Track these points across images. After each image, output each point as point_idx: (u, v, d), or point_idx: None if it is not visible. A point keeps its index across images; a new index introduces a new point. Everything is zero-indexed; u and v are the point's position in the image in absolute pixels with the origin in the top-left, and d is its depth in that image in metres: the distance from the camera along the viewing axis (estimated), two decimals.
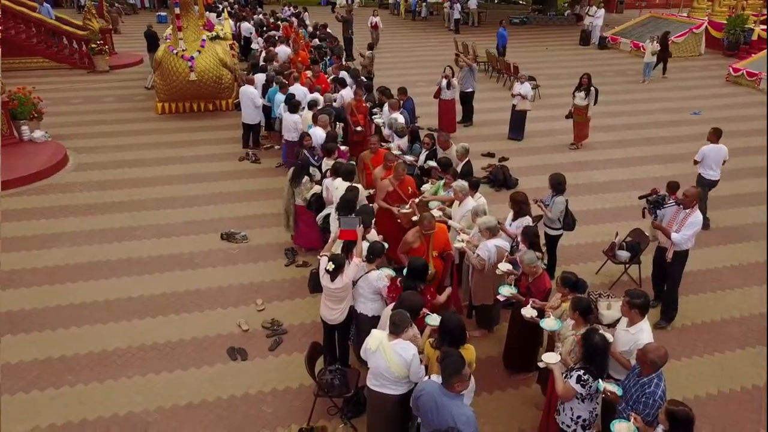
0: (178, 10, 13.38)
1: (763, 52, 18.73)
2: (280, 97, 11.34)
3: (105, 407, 5.74)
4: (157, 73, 14.34)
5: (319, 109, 10.23)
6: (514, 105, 12.90)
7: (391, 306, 5.11)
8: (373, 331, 4.80)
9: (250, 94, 11.97)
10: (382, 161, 8.07)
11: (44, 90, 14.74)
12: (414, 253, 6.15)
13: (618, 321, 6.16)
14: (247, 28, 19.68)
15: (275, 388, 6.00)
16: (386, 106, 10.54)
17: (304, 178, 7.93)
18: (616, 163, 11.97)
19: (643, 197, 7.12)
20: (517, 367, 6.14)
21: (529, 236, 6.06)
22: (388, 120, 9.80)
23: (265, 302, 7.37)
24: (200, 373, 6.20)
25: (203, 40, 14.29)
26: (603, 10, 25.19)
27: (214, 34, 16.65)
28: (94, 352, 6.47)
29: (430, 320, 5.02)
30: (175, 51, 13.69)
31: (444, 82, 12.61)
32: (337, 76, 12.86)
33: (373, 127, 10.46)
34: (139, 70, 19.27)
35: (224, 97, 14.95)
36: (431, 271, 6.02)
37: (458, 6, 27.04)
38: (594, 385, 4.41)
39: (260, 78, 12.62)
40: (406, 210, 7.27)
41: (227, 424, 5.58)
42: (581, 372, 4.47)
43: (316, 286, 6.09)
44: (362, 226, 5.91)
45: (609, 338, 4.80)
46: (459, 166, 8.04)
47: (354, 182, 7.41)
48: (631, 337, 4.79)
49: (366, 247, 5.88)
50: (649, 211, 6.85)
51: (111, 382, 6.05)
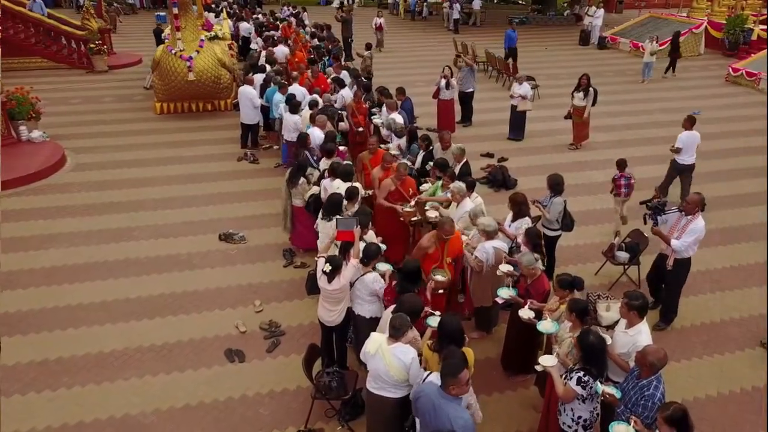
0: (176, 10, 13.35)
1: (763, 52, 18.72)
2: (279, 98, 11.32)
3: (102, 409, 5.72)
4: (156, 73, 14.31)
5: (319, 109, 10.20)
6: (513, 105, 12.87)
7: (392, 308, 5.08)
8: (373, 334, 4.77)
9: (249, 95, 11.95)
10: (380, 162, 8.05)
11: (43, 90, 14.70)
12: (429, 259, 6.03)
13: (617, 322, 6.16)
14: (245, 28, 19.63)
15: (272, 390, 5.98)
16: (384, 107, 10.52)
17: (300, 180, 7.91)
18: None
19: (644, 203, 7.05)
20: (515, 369, 6.11)
21: (532, 238, 6.03)
22: (387, 120, 9.77)
23: (263, 303, 7.35)
24: (197, 375, 6.18)
25: (202, 40, 14.26)
26: (602, 10, 25.17)
27: (213, 34, 16.61)
28: (91, 354, 6.45)
29: (432, 321, 4.99)
30: (174, 51, 13.66)
31: (443, 83, 12.59)
32: (338, 76, 12.85)
33: (371, 128, 10.43)
34: (137, 70, 19.22)
35: (223, 97, 14.92)
36: (447, 277, 5.92)
37: (458, 6, 26.99)
38: (593, 387, 4.39)
39: (259, 78, 12.59)
40: (409, 209, 7.29)
41: (224, 427, 5.56)
42: (581, 373, 4.45)
43: (313, 288, 6.05)
44: (359, 226, 5.88)
45: (607, 339, 4.79)
46: (456, 168, 8.00)
47: (352, 183, 7.39)
48: (630, 339, 4.76)
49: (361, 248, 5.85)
50: (650, 217, 6.75)
51: (108, 384, 6.03)
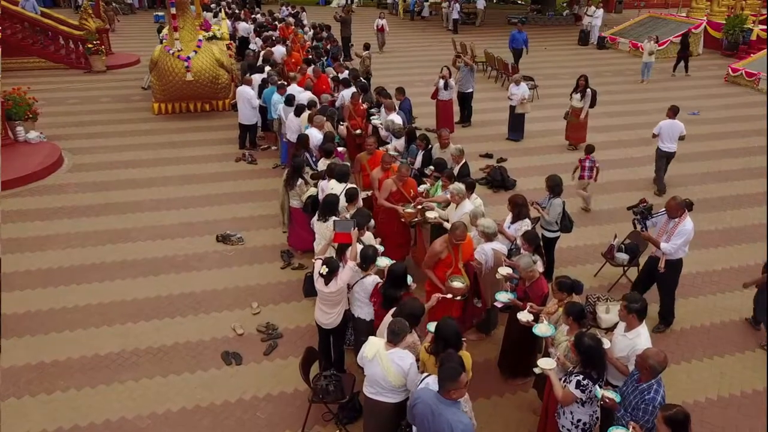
0: (174, 10, 13.29)
1: (762, 52, 18.68)
2: (277, 98, 11.26)
3: (97, 413, 5.67)
4: (154, 73, 14.25)
5: (317, 109, 10.14)
6: (512, 106, 12.82)
7: (392, 312, 5.02)
8: (371, 338, 4.72)
9: (247, 95, 11.90)
10: (378, 162, 8.00)
11: (40, 90, 14.67)
12: (442, 265, 5.89)
13: (617, 325, 6.12)
14: (244, 29, 19.56)
15: (270, 394, 5.94)
16: (383, 107, 10.46)
17: (298, 181, 7.85)
18: (615, 164, 11.89)
19: (630, 208, 7.10)
20: (513, 372, 6.06)
21: (533, 241, 5.97)
22: (386, 121, 9.71)
23: (261, 305, 7.30)
24: (194, 378, 6.13)
25: (200, 40, 14.21)
26: (602, 10, 25.11)
27: (211, 34, 16.58)
28: (86, 357, 6.40)
29: (431, 326, 4.93)
30: (172, 51, 13.61)
31: (441, 83, 12.55)
32: (338, 75, 12.81)
33: (370, 128, 10.37)
34: (136, 70, 19.17)
35: (221, 98, 14.87)
36: (465, 284, 5.78)
37: (457, 6, 26.93)
38: (593, 391, 4.35)
39: (257, 78, 12.54)
40: (410, 209, 7.27)
41: (220, 431, 5.51)
42: (580, 377, 4.41)
43: (310, 290, 6.01)
44: (356, 228, 5.83)
45: (606, 343, 4.75)
46: (455, 168, 7.95)
47: (348, 184, 7.35)
48: (629, 342, 4.72)
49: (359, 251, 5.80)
50: (638, 222, 6.85)
51: (103, 387, 5.98)
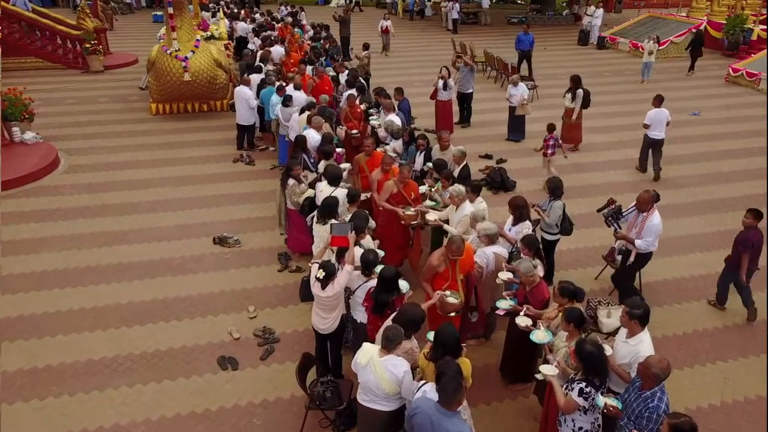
0: (171, 10, 13.19)
1: (763, 52, 18.60)
2: (276, 99, 11.16)
3: (90, 419, 5.58)
4: (151, 73, 14.15)
5: (318, 109, 10.05)
6: (512, 106, 12.73)
7: (392, 318, 4.92)
8: (365, 344, 4.63)
9: (245, 95, 11.79)
10: (377, 164, 7.91)
11: (38, 90, 14.57)
12: (439, 278, 5.69)
13: (618, 329, 6.04)
14: (243, 28, 19.45)
15: (266, 399, 5.84)
16: (382, 108, 10.36)
17: (290, 182, 7.75)
18: (615, 165, 11.81)
19: (599, 210, 7.07)
20: (514, 377, 5.98)
21: (532, 245, 5.88)
22: (385, 122, 9.61)
23: (257, 309, 7.21)
24: (189, 384, 6.04)
25: (197, 40, 14.11)
26: (602, 10, 25.00)
27: (209, 34, 16.48)
28: (80, 362, 6.31)
29: (431, 335, 4.83)
30: (169, 51, 13.51)
31: (441, 83, 12.46)
32: (338, 75, 12.73)
33: (368, 129, 10.27)
34: (133, 70, 19.07)
35: (219, 98, 14.77)
36: (459, 299, 5.57)
37: (457, 6, 26.84)
38: (595, 399, 4.26)
39: (255, 78, 12.45)
40: (411, 212, 7.19)
41: None
42: (583, 384, 4.32)
43: (306, 295, 5.91)
44: (354, 231, 5.74)
45: (607, 349, 4.65)
46: (456, 170, 7.86)
47: (343, 187, 7.26)
48: (631, 348, 4.62)
49: (359, 254, 5.71)
50: (609, 224, 6.88)
51: (97, 393, 5.89)
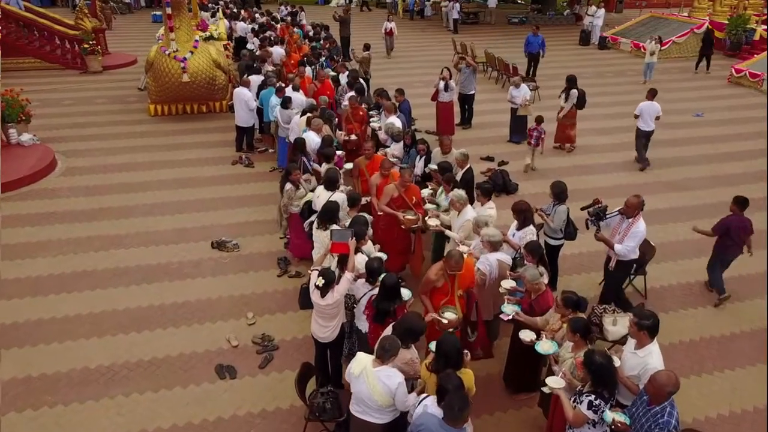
0: (169, 10, 13.05)
1: (765, 53, 18.46)
2: (275, 101, 11.02)
3: (85, 430, 5.46)
4: (149, 74, 14.01)
5: (320, 110, 9.93)
6: (513, 108, 12.61)
7: (393, 326, 4.80)
8: (359, 354, 4.52)
9: (244, 97, 11.66)
10: (377, 167, 7.78)
11: (36, 91, 14.42)
12: (438, 293, 5.53)
13: (624, 337, 5.91)
14: (242, 28, 19.29)
15: (264, 409, 5.72)
16: (383, 110, 10.23)
17: (287, 186, 7.60)
18: (618, 167, 11.70)
19: (584, 208, 6.94)
20: (518, 387, 5.85)
21: (536, 252, 5.75)
22: (385, 125, 9.47)
23: (256, 315, 7.08)
24: (186, 393, 5.91)
25: (196, 41, 13.97)
26: (603, 10, 24.84)
27: (208, 34, 16.34)
28: (75, 370, 6.18)
29: (434, 345, 4.71)
30: (167, 52, 13.38)
31: (442, 84, 12.33)
32: (338, 75, 12.60)
33: (369, 131, 10.15)
34: (132, 71, 18.93)
35: (218, 99, 14.65)
36: (457, 315, 5.41)
37: (457, 6, 26.71)
38: (604, 414, 4.13)
39: (255, 80, 12.32)
40: (411, 216, 7.07)
41: None
42: (592, 397, 4.19)
43: (306, 303, 5.78)
44: (355, 238, 5.61)
45: (615, 361, 4.53)
46: (459, 174, 7.73)
47: (339, 191, 7.14)
48: (640, 360, 4.49)
49: (363, 261, 5.59)
50: (592, 223, 6.73)
51: (92, 403, 5.76)
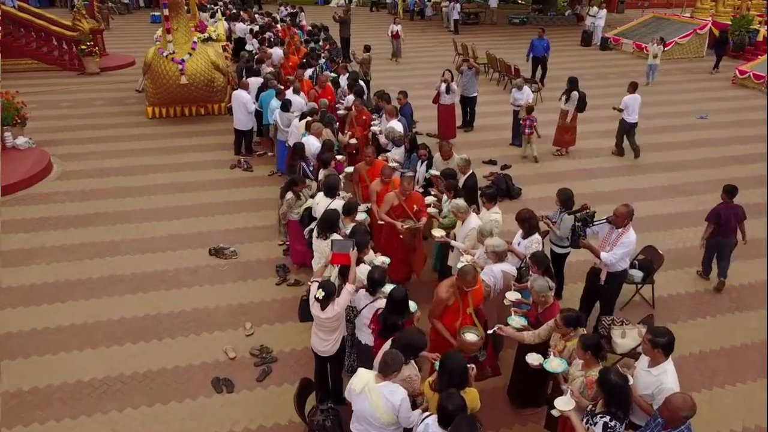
0: (166, 12, 12.87)
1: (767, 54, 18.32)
2: (275, 104, 10.84)
3: None
4: (147, 76, 13.84)
5: (321, 114, 9.76)
6: (516, 110, 12.44)
7: (392, 340, 4.63)
8: (360, 370, 4.34)
9: (243, 99, 11.47)
10: (378, 173, 7.60)
11: (32, 93, 14.23)
12: (449, 313, 5.27)
13: (634, 350, 5.75)
14: (241, 29, 19.10)
15: (262, 425, 5.55)
16: (384, 113, 10.05)
17: (288, 195, 7.41)
18: (621, 171, 11.52)
19: (572, 213, 6.75)
20: (524, 402, 5.67)
21: (542, 262, 5.56)
22: (386, 129, 9.28)
23: (254, 326, 6.91)
24: (182, 408, 5.74)
25: (194, 42, 13.78)
26: (605, 11, 24.65)
27: (206, 35, 16.16)
28: (68, 383, 6.00)
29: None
30: (165, 53, 13.20)
31: (443, 87, 12.14)
32: (338, 77, 12.44)
33: (369, 136, 9.96)
34: (130, 72, 18.74)
35: (216, 101, 14.46)
36: (480, 335, 5.07)
37: (458, 6, 26.53)
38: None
39: (254, 82, 12.14)
40: (411, 225, 6.90)
41: None
42: (607, 418, 4.00)
43: (305, 315, 5.60)
44: (356, 248, 5.44)
45: (629, 379, 4.36)
46: (461, 180, 7.54)
47: (340, 198, 6.97)
48: (654, 379, 4.31)
49: (365, 271, 5.42)
50: (579, 229, 6.49)
51: (85, 419, 5.59)
